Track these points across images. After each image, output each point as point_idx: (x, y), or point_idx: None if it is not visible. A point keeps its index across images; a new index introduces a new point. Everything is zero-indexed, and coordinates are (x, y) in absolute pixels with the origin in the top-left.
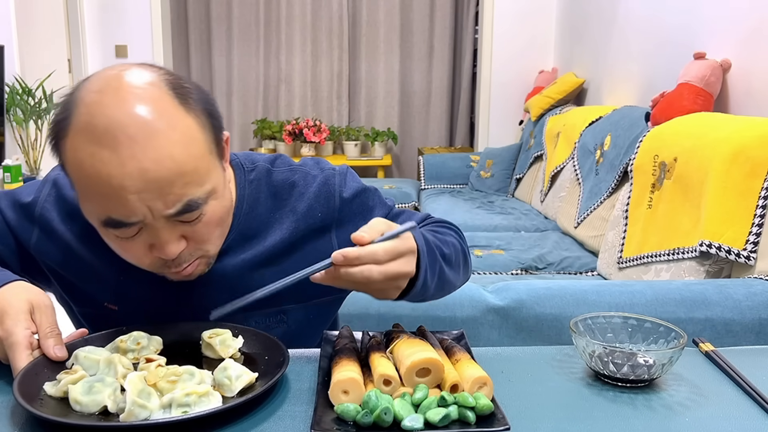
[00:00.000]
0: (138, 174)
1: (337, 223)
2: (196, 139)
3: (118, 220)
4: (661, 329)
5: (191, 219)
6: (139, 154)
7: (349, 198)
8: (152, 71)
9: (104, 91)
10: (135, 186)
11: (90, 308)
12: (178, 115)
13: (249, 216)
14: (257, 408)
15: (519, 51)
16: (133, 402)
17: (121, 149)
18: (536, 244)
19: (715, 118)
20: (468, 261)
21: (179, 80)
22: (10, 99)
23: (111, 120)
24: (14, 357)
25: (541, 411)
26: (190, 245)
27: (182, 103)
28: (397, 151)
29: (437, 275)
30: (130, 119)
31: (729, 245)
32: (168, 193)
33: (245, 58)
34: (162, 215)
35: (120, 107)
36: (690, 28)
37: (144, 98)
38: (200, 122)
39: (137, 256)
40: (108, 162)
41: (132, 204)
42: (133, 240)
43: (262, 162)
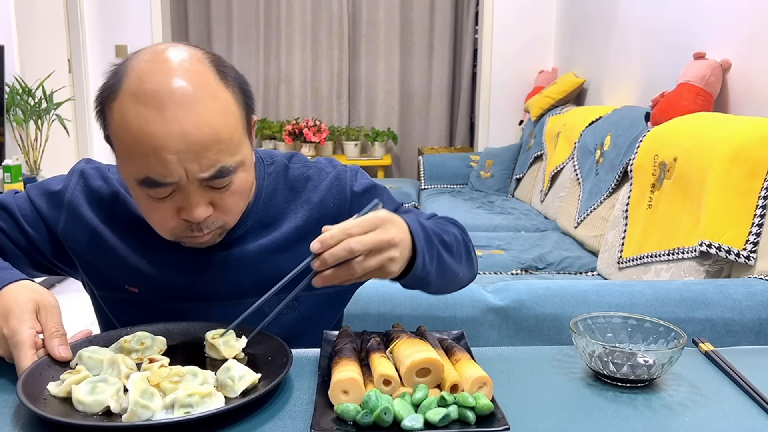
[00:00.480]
0: (179, 135)
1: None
2: (232, 112)
3: (155, 180)
4: (661, 329)
5: (222, 185)
6: (182, 118)
7: (360, 192)
8: (196, 49)
9: (155, 60)
10: (175, 147)
11: (111, 292)
12: (219, 88)
13: (267, 205)
14: (258, 408)
15: (519, 51)
16: (135, 402)
17: (167, 112)
18: (536, 244)
19: (715, 118)
20: (471, 254)
21: (220, 59)
22: (10, 99)
23: (159, 85)
24: (19, 356)
25: (541, 411)
26: (215, 213)
27: (222, 79)
28: (397, 151)
29: (436, 260)
30: (177, 86)
31: (729, 245)
32: (203, 157)
33: (245, 58)
34: (196, 178)
35: (168, 75)
36: (690, 28)
37: (189, 70)
38: (236, 98)
39: (163, 219)
40: (153, 122)
41: (171, 164)
42: (164, 202)
43: (280, 158)
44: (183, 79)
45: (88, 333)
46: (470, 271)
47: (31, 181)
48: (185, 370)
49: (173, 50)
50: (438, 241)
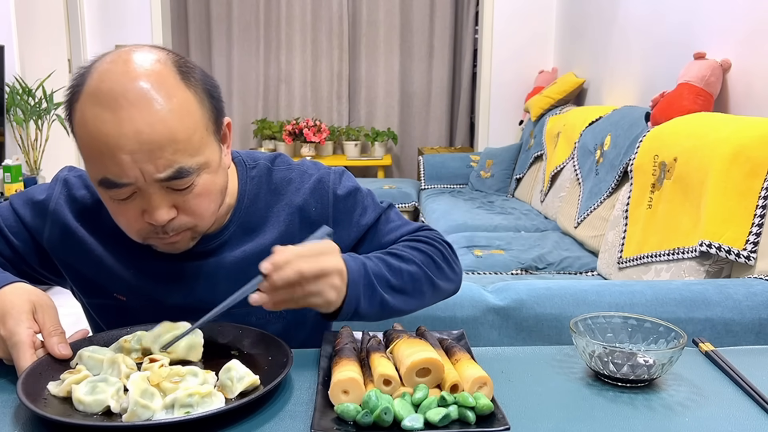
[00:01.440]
0: (133, 135)
1: (333, 220)
2: (191, 113)
3: (111, 180)
4: (661, 329)
5: (182, 187)
6: (136, 117)
7: (343, 195)
8: (161, 50)
9: (115, 61)
10: (129, 146)
11: (100, 299)
12: (178, 87)
13: (249, 210)
14: (258, 408)
15: (519, 51)
16: (135, 402)
17: (120, 111)
18: (536, 244)
19: (715, 118)
20: (436, 284)
21: (184, 60)
22: (10, 99)
23: (115, 85)
24: (18, 356)
25: (541, 411)
26: (180, 216)
27: (183, 79)
28: (397, 151)
29: (378, 305)
30: (132, 85)
31: (729, 245)
32: (159, 157)
33: (245, 58)
34: (153, 179)
35: (125, 75)
36: (690, 28)
37: (147, 70)
38: (198, 99)
39: (129, 221)
40: (107, 122)
41: (125, 164)
42: (127, 204)
43: (263, 160)
44: (139, 78)
45: (85, 333)
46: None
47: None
48: (185, 370)
49: (137, 52)
50: (384, 287)
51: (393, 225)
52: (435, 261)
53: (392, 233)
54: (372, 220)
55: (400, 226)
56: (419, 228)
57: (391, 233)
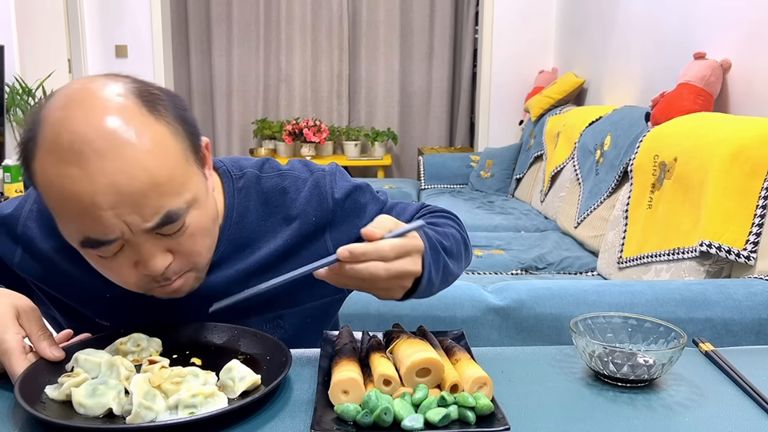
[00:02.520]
0: (109, 189)
1: (331, 224)
2: (168, 147)
3: (95, 239)
4: (661, 329)
5: (173, 231)
6: (109, 168)
7: (342, 198)
8: (117, 81)
9: (68, 106)
10: (108, 202)
11: (81, 324)
12: (147, 123)
13: (240, 225)
14: (258, 408)
15: (519, 51)
16: (139, 404)
17: (89, 165)
18: (536, 244)
19: (715, 118)
20: (468, 248)
21: (147, 87)
22: (10, 99)
23: (76, 135)
24: (11, 363)
25: (541, 411)
26: (177, 259)
27: (151, 111)
28: (397, 151)
29: (441, 270)
30: (96, 132)
31: (729, 245)
32: (144, 206)
33: (245, 58)
34: (141, 229)
35: (84, 121)
36: (690, 28)
37: (109, 109)
38: (172, 129)
39: (122, 276)
40: (77, 180)
41: (107, 221)
42: (116, 259)
43: (250, 168)
44: (102, 121)
45: (68, 334)
46: (467, 263)
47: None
48: (186, 371)
49: (90, 88)
50: (441, 248)
51: (398, 209)
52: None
53: (400, 216)
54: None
55: (405, 208)
56: (423, 205)
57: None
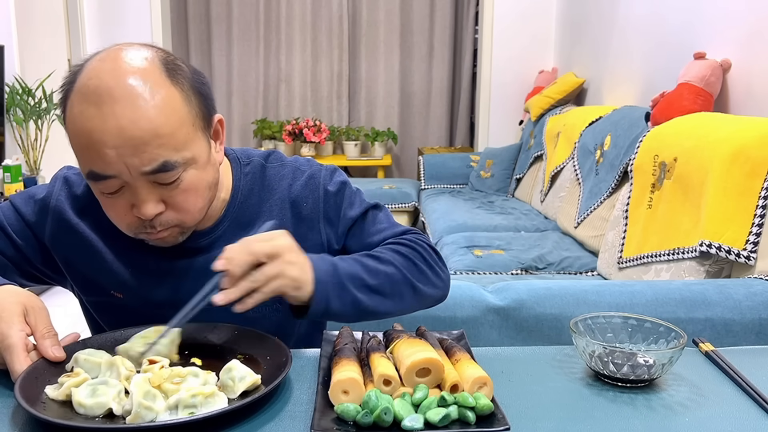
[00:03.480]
0: (116, 130)
1: (325, 215)
2: (176, 108)
3: (97, 173)
4: (661, 329)
5: (168, 181)
6: (119, 113)
7: (333, 192)
8: (150, 48)
9: (104, 59)
10: (112, 141)
11: (98, 296)
12: (163, 84)
13: (243, 206)
14: (258, 408)
15: (519, 51)
16: (139, 404)
17: (104, 107)
18: (536, 244)
19: (715, 118)
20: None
21: (173, 58)
22: (10, 99)
23: (101, 82)
24: (12, 359)
25: (541, 411)
26: (168, 212)
27: (169, 76)
28: (397, 151)
29: (350, 305)
30: (116, 82)
31: (729, 245)
32: (143, 151)
33: (245, 58)
34: (139, 172)
35: (111, 72)
36: (690, 28)
37: (133, 66)
38: (185, 95)
39: (117, 215)
40: (92, 118)
41: (109, 158)
42: (116, 198)
43: (257, 157)
44: (125, 76)
45: (76, 337)
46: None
47: (31, 181)
48: (186, 371)
49: (126, 50)
50: (357, 286)
51: (380, 226)
52: (416, 264)
53: (378, 234)
54: (358, 214)
55: (386, 228)
56: (405, 231)
57: (378, 234)
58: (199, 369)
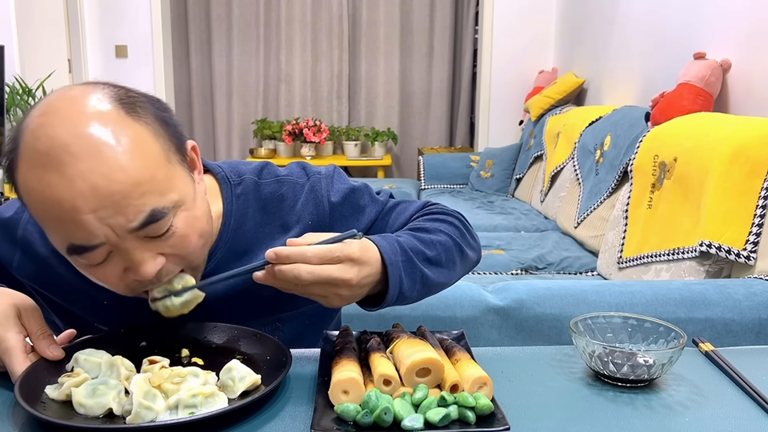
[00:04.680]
0: (89, 192)
1: (329, 228)
2: (148, 147)
3: (80, 246)
4: (661, 329)
5: (160, 232)
6: (86, 172)
7: (338, 202)
8: (95, 87)
9: (45, 113)
10: (89, 205)
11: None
12: (125, 124)
13: (237, 232)
14: (258, 408)
15: (519, 51)
16: (139, 404)
17: (67, 169)
18: (536, 244)
19: (715, 118)
20: (465, 252)
21: (126, 91)
22: (10, 99)
23: (53, 141)
24: (11, 362)
25: (541, 411)
26: (170, 260)
27: (128, 113)
28: (397, 151)
29: (419, 281)
30: (72, 137)
31: (729, 245)
32: (126, 206)
33: (245, 58)
34: (127, 230)
35: (61, 126)
36: (690, 28)
37: (85, 113)
38: (152, 129)
39: (114, 282)
40: (56, 185)
41: (90, 225)
42: (105, 266)
43: (249, 174)
44: (79, 125)
45: (71, 334)
46: (467, 265)
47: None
48: (186, 371)
49: (67, 95)
50: (422, 260)
51: (399, 209)
52: (458, 228)
53: (401, 216)
54: (372, 218)
55: (405, 208)
56: (425, 204)
57: (399, 217)
58: (199, 369)
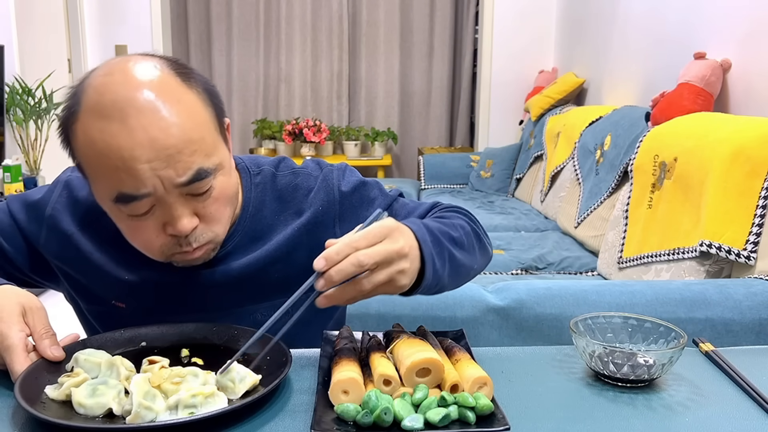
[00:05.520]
0: (148, 143)
1: (339, 217)
2: (200, 112)
3: (129, 194)
4: (661, 329)
5: (202, 190)
6: (147, 124)
7: (349, 191)
8: (154, 58)
9: (111, 73)
10: (145, 155)
11: (98, 306)
12: (181, 90)
13: (255, 218)
14: (258, 408)
15: (519, 51)
16: (139, 404)
17: (130, 120)
18: (536, 244)
19: (715, 118)
20: (483, 240)
21: (180, 63)
22: (10, 99)
23: (119, 96)
24: (12, 360)
25: (541, 411)
26: (201, 225)
27: (184, 81)
28: (397, 151)
29: (448, 261)
30: (137, 93)
31: (729, 245)
32: (178, 161)
33: (245, 58)
34: (173, 184)
35: (126, 84)
36: (690, 28)
37: (148, 76)
38: (202, 99)
39: (148, 239)
40: (118, 134)
41: (143, 174)
42: (145, 219)
43: (267, 166)
44: (142, 86)
45: (75, 337)
46: (485, 258)
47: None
48: (186, 371)
49: (130, 60)
50: (447, 240)
51: (410, 208)
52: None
53: (412, 215)
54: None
55: (416, 207)
56: (436, 204)
57: (411, 215)
58: (199, 369)
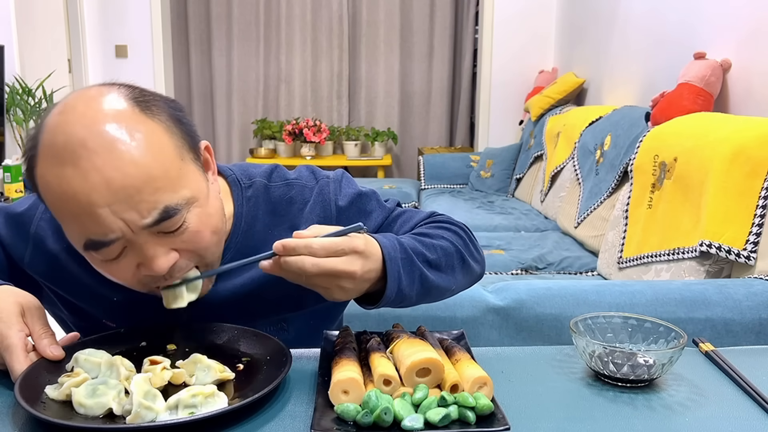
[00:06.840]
0: (103, 185)
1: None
2: (162, 144)
3: (97, 241)
4: (661, 329)
5: (173, 228)
6: (101, 165)
7: (346, 205)
8: (112, 87)
9: (64, 111)
10: (103, 198)
11: (87, 323)
12: (139, 121)
13: (247, 234)
14: (258, 408)
15: (519, 51)
16: (139, 404)
17: (82, 163)
18: (536, 244)
19: (715, 118)
20: (467, 261)
21: (141, 91)
22: (10, 99)
23: (69, 136)
24: (12, 360)
25: (541, 411)
26: (184, 255)
27: (143, 110)
28: (397, 151)
29: (418, 280)
30: (88, 132)
31: (729, 245)
32: (139, 201)
33: (245, 58)
34: (140, 226)
35: (77, 122)
36: (690, 28)
37: (101, 110)
38: (165, 127)
39: (127, 277)
40: (71, 179)
41: (105, 219)
42: (119, 261)
43: (259, 177)
44: (95, 122)
45: (74, 336)
46: (468, 277)
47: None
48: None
49: (85, 94)
50: (422, 261)
51: (405, 217)
52: (462, 238)
53: (406, 224)
54: (379, 223)
55: (411, 216)
56: (432, 213)
57: (405, 225)
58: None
